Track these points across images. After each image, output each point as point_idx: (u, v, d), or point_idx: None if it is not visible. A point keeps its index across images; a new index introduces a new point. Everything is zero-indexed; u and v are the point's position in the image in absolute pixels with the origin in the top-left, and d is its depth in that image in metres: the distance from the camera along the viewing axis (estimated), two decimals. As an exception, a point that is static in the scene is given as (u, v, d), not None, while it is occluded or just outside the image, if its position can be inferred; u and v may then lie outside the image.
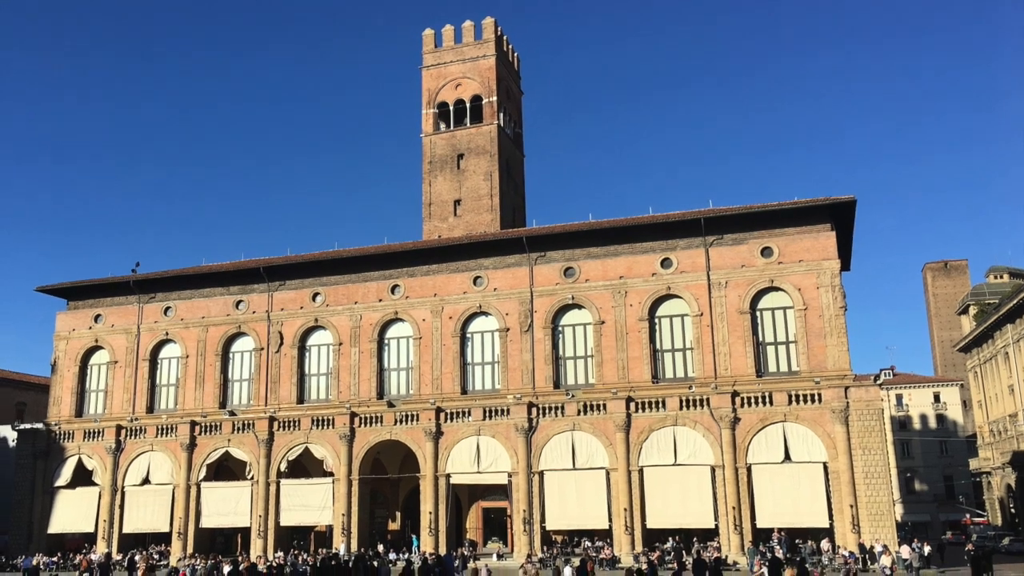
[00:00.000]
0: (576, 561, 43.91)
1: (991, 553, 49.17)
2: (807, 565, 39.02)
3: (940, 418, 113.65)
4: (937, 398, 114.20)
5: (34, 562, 55.82)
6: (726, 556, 48.29)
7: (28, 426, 69.76)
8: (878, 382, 60.48)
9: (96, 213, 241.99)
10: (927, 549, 53.89)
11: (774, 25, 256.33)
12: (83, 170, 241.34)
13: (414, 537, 59.13)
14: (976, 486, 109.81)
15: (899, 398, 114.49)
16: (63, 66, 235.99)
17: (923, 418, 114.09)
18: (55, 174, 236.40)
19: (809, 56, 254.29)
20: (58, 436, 65.96)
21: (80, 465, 64.68)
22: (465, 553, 53.49)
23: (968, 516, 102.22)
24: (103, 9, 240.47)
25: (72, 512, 64.37)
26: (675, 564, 43.30)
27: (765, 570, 39.71)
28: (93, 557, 48.85)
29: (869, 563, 46.82)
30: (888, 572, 41.45)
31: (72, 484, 64.58)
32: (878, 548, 46.43)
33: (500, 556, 56.33)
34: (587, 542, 55.18)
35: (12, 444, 68.94)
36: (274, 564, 41.60)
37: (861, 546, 48.18)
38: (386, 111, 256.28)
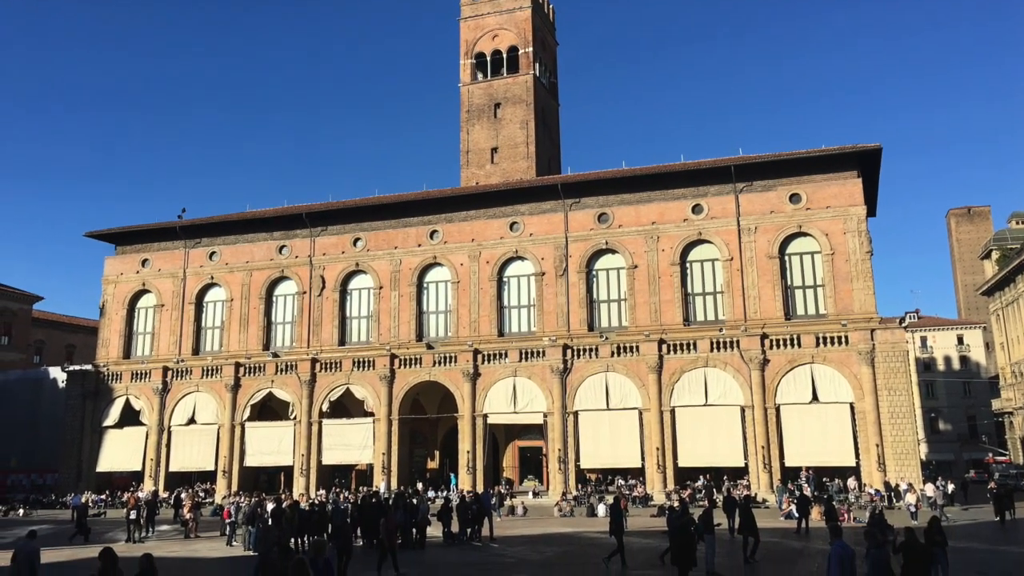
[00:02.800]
0: (610, 499, 45.19)
1: (1012, 491, 50.08)
2: (834, 503, 40.21)
3: (963, 359, 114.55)
4: (961, 340, 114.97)
5: (83, 499, 57.65)
6: (755, 494, 49.61)
7: (77, 367, 71.15)
8: (903, 325, 61.20)
9: (143, 160, 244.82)
10: (951, 487, 55.01)
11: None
12: (131, 119, 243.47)
13: (452, 475, 60.68)
14: (999, 426, 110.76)
15: (924, 340, 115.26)
16: (109, 15, 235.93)
17: (947, 360, 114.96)
18: (104, 123, 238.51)
19: (838, 6, 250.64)
20: (106, 377, 67.51)
21: (128, 405, 66.25)
22: (502, 491, 55.08)
23: (991, 455, 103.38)
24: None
25: (120, 451, 65.87)
26: (706, 502, 44.39)
27: (794, 507, 41.14)
28: (140, 495, 49.83)
29: (894, 500, 47.84)
30: (913, 509, 41.85)
31: (120, 424, 66.20)
32: (903, 486, 47.21)
33: (536, 494, 57.88)
34: (620, 480, 56.54)
35: (62, 385, 69.99)
36: (316, 502, 42.32)
37: (887, 484, 49.12)
38: (426, 62, 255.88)
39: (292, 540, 31.14)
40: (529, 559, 30.16)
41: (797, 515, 38.28)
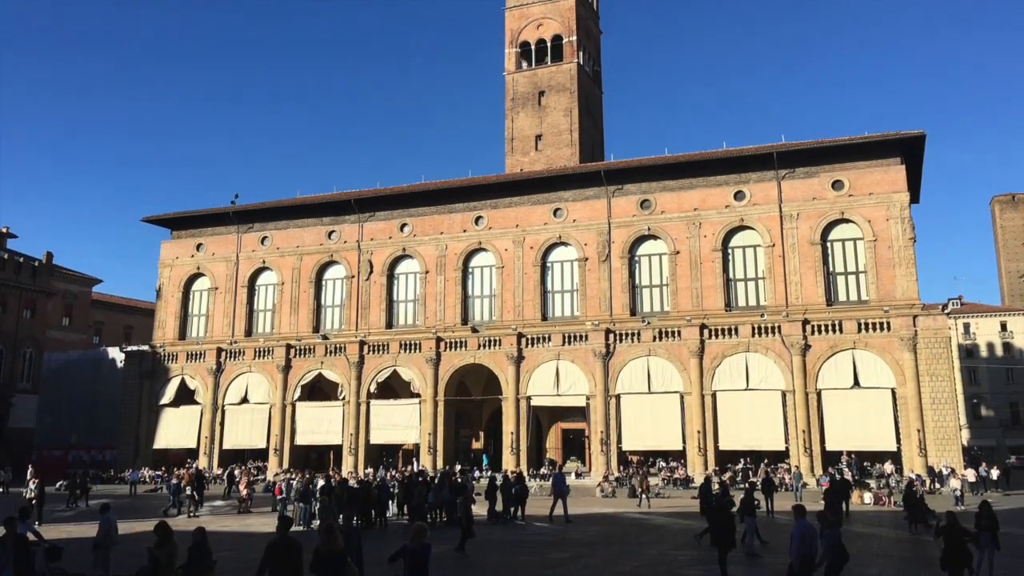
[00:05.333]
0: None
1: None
2: (874, 485, 40.45)
3: (1007, 346, 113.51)
4: (1004, 327, 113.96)
5: (140, 476, 59.80)
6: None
7: (135, 348, 73.58)
8: (946, 311, 61.24)
9: (197, 148, 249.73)
10: (995, 473, 55.45)
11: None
12: (185, 110, 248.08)
13: (484, 456, 63.22)
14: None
15: (966, 326, 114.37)
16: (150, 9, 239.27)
17: (990, 346, 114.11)
18: (159, 112, 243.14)
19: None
20: (163, 358, 69.60)
21: (183, 385, 68.30)
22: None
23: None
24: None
25: (175, 429, 68.04)
26: (746, 484, 45.00)
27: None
28: (181, 472, 49.28)
29: (936, 485, 48.37)
30: (958, 494, 42.12)
31: (176, 403, 68.32)
32: (945, 471, 47.96)
33: (578, 475, 58.89)
34: (662, 462, 57.51)
35: (120, 365, 72.56)
36: (364, 479, 43.42)
37: (929, 469, 49.54)
38: (471, 50, 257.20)
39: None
40: (572, 538, 31.04)
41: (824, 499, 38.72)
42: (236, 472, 54.93)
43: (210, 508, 43.69)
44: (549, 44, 80.00)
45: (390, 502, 37.81)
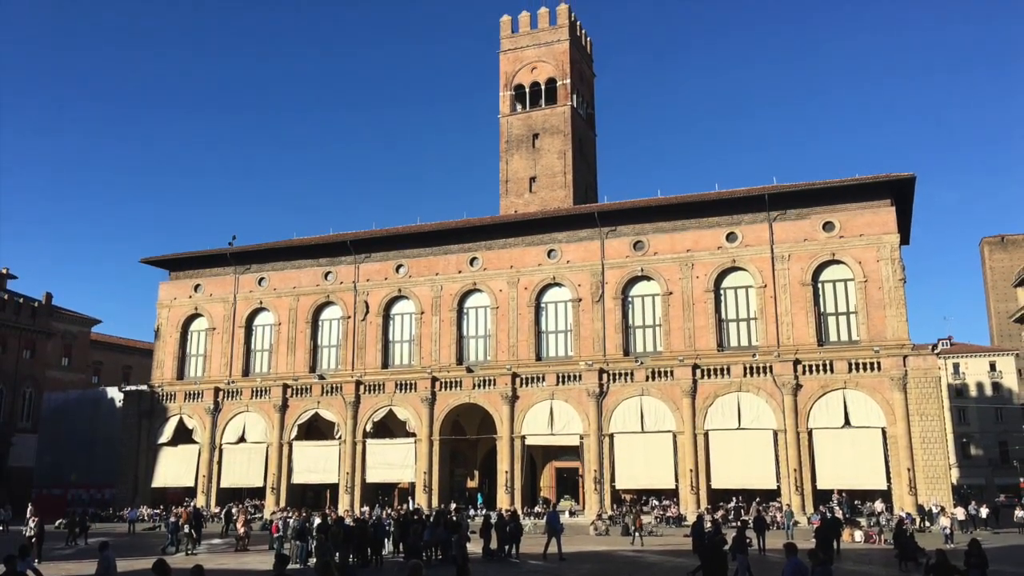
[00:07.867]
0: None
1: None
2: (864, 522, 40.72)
3: (996, 386, 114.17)
4: (993, 367, 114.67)
5: (139, 514, 60.00)
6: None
7: (134, 388, 74.07)
8: (936, 351, 61.77)
9: (195, 190, 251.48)
10: (984, 511, 55.73)
11: (835, 4, 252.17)
12: (183, 151, 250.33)
13: (479, 495, 63.39)
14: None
15: (956, 367, 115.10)
16: (145, 55, 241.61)
17: (979, 386, 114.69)
18: (156, 156, 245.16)
19: (873, 38, 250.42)
20: (161, 397, 70.04)
21: (181, 424, 68.65)
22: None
23: (1023, 480, 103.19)
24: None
25: (174, 468, 68.27)
26: (738, 522, 45.32)
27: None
28: (179, 510, 49.09)
29: (926, 523, 48.61)
30: (947, 532, 42.35)
31: (174, 442, 68.61)
32: (935, 510, 48.31)
33: (572, 513, 59.11)
34: (654, 501, 57.68)
35: (119, 404, 72.91)
36: (360, 517, 43.66)
37: (919, 507, 49.82)
38: (467, 94, 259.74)
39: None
40: None
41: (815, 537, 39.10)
42: (234, 510, 55.17)
43: (208, 546, 43.92)
44: (543, 87, 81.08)
45: (386, 540, 38.20)
